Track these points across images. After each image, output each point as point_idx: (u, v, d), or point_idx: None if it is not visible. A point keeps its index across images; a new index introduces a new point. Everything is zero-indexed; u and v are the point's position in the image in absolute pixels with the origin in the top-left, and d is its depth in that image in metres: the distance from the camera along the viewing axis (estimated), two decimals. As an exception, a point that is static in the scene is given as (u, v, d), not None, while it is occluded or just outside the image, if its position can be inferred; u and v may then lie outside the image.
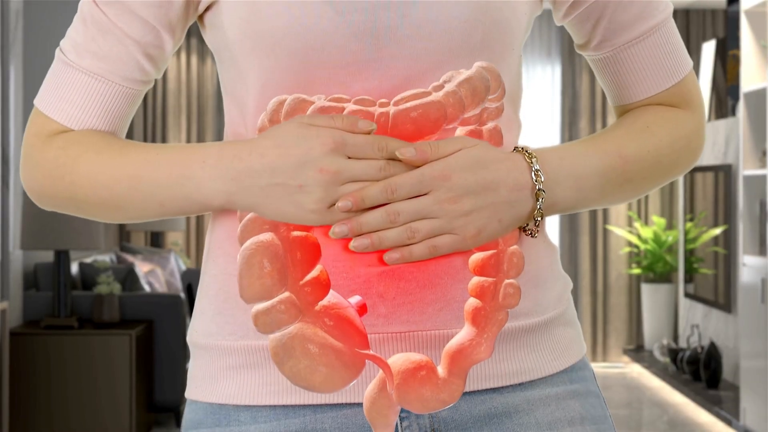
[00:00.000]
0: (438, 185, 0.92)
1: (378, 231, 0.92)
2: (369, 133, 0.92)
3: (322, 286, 0.93)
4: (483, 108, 0.96)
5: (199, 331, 1.08)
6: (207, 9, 1.05)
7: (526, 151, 0.99)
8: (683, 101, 1.12)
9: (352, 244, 0.92)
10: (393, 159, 0.92)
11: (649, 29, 1.09)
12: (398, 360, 0.94)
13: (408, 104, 0.93)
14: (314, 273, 0.93)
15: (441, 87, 0.94)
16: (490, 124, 0.98)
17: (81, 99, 1.04)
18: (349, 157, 0.92)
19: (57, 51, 1.06)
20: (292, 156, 0.92)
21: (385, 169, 0.91)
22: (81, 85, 1.03)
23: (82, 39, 1.04)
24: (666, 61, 1.10)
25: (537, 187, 0.97)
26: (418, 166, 0.93)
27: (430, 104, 0.92)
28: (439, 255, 0.93)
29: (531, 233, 1.00)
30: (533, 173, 0.97)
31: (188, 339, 1.10)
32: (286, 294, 0.91)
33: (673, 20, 1.12)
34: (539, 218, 0.98)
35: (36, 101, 1.06)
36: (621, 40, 1.09)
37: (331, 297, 0.94)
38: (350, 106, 0.93)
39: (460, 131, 0.98)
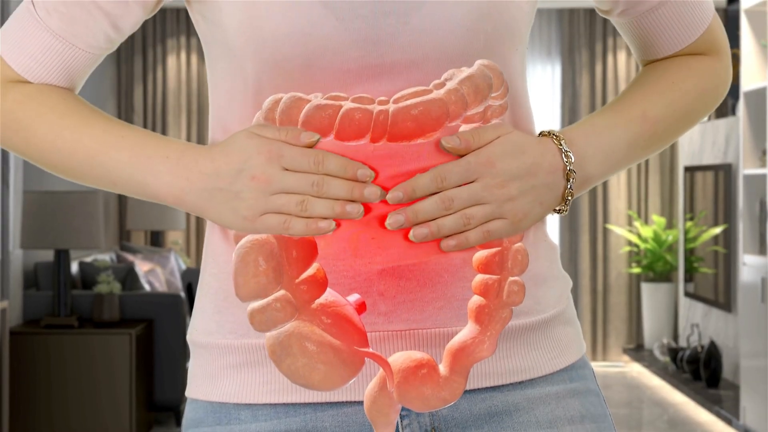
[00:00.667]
0: (485, 171, 0.93)
1: (434, 219, 0.92)
2: (312, 145, 0.91)
3: (319, 284, 0.93)
4: (487, 106, 0.96)
5: (199, 329, 1.08)
6: None
7: (553, 134, 1.01)
8: (709, 48, 1.13)
9: (411, 234, 0.92)
10: (328, 174, 0.91)
11: None
12: (399, 358, 0.94)
13: (408, 102, 0.92)
14: (310, 271, 0.93)
15: (442, 85, 0.94)
16: (493, 122, 0.98)
17: (43, 56, 1.04)
18: (287, 169, 0.92)
19: None
20: (232, 163, 0.93)
21: (318, 184, 0.91)
22: (45, 43, 1.04)
23: None
24: (689, 17, 1.11)
25: (568, 168, 0.99)
26: (462, 155, 0.94)
27: (432, 102, 0.91)
28: (492, 240, 0.94)
29: (561, 212, 1.01)
30: (563, 155, 0.99)
31: (188, 338, 1.09)
32: (282, 292, 0.91)
33: None
34: (569, 198, 1.00)
35: None
36: (644, 7, 1.10)
37: (329, 295, 0.94)
38: (347, 104, 0.92)
39: (464, 129, 0.97)
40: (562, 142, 1.00)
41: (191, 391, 1.08)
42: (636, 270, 7.57)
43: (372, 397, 0.95)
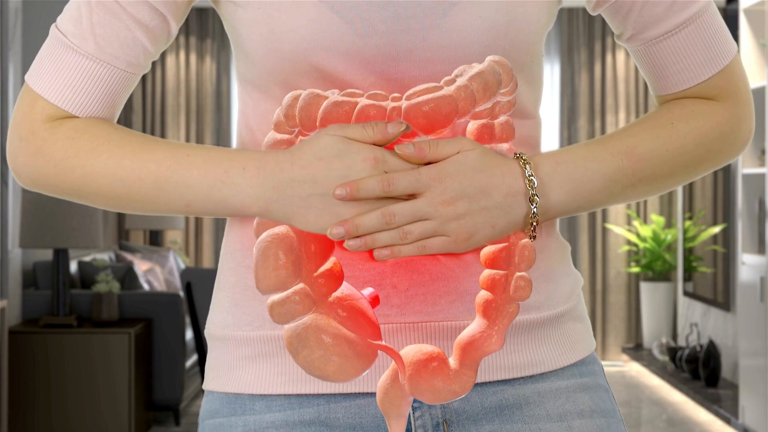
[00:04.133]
0: (434, 186, 0.93)
1: (372, 233, 0.93)
2: (399, 134, 0.92)
3: (336, 277, 0.95)
4: (495, 102, 0.97)
5: (216, 323, 1.09)
6: None
7: (521, 157, 0.99)
8: (724, 92, 1.09)
9: (345, 244, 0.93)
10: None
11: (682, 22, 1.07)
12: (410, 351, 0.95)
13: (420, 98, 0.93)
14: (328, 265, 0.95)
15: (453, 81, 0.95)
16: (501, 118, 0.99)
17: (84, 84, 1.03)
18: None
19: (53, 30, 1.05)
20: (334, 169, 0.93)
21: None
22: (84, 70, 1.02)
23: (86, 22, 1.03)
24: (703, 53, 1.07)
25: (530, 193, 0.97)
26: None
27: (442, 98, 0.93)
28: (429, 254, 0.95)
29: (530, 237, 0.99)
30: (526, 179, 0.97)
31: (206, 332, 1.11)
32: (301, 285, 0.93)
33: (713, 7, 1.09)
34: (534, 223, 0.98)
35: (31, 81, 1.04)
36: (652, 34, 1.08)
37: (345, 288, 0.96)
38: (363, 101, 0.94)
39: (473, 125, 0.99)
40: (528, 165, 0.98)
41: (208, 384, 1.09)
42: (635, 269, 7.57)
43: (384, 389, 0.96)
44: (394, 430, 0.96)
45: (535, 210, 0.97)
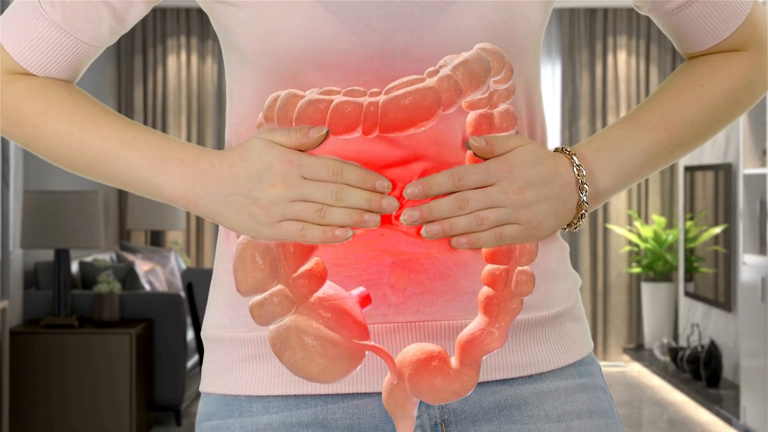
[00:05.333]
0: (503, 176, 0.94)
1: (448, 218, 0.93)
2: (321, 139, 0.92)
3: (317, 277, 0.94)
4: (492, 90, 0.95)
5: (212, 324, 1.09)
6: None
7: (565, 149, 1.02)
8: (749, 40, 1.12)
9: (423, 231, 0.92)
10: (346, 184, 0.92)
11: None
12: (411, 350, 0.94)
13: (399, 92, 0.91)
14: (309, 265, 0.94)
15: (436, 72, 0.92)
16: (501, 107, 0.97)
17: (47, 49, 1.05)
18: (306, 178, 0.93)
19: None
20: (252, 169, 0.94)
21: (337, 193, 0.91)
22: (49, 37, 1.05)
23: None
24: (722, 12, 1.10)
25: (581, 181, 1.00)
26: (485, 159, 0.95)
27: (422, 90, 0.90)
28: (504, 244, 0.95)
29: (575, 227, 1.02)
30: (576, 168, 1.00)
31: (202, 334, 1.11)
32: (280, 287, 0.92)
33: None
34: (584, 211, 1.01)
35: None
36: (671, 6, 1.10)
37: (328, 288, 0.94)
38: (338, 98, 0.92)
39: (471, 115, 0.97)
40: (574, 156, 1.01)
41: (204, 386, 1.09)
42: (636, 270, 7.57)
43: (388, 389, 0.96)
44: (401, 430, 0.96)
45: (584, 198, 1.00)
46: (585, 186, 1.00)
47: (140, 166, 1.00)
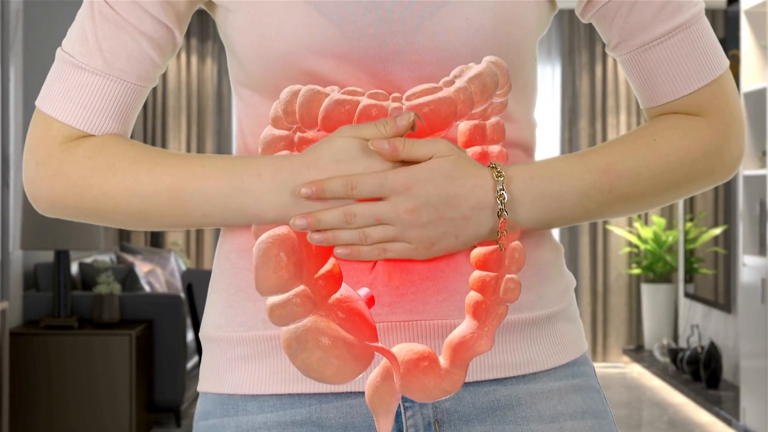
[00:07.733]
0: (398, 192, 0.93)
1: (334, 230, 0.93)
2: (410, 124, 0.92)
3: (335, 279, 0.95)
4: (489, 103, 0.96)
5: (210, 324, 1.09)
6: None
7: (496, 169, 0.97)
8: (713, 108, 1.06)
9: (308, 237, 0.93)
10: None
11: (669, 30, 1.04)
12: (402, 350, 0.95)
13: (420, 100, 0.93)
14: (328, 266, 0.95)
15: (452, 82, 0.95)
16: (493, 119, 0.99)
17: (96, 102, 1.02)
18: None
19: (59, 53, 1.04)
20: (354, 172, 0.93)
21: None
22: (95, 88, 1.02)
23: (91, 38, 1.02)
24: (691, 63, 1.05)
25: (498, 208, 0.96)
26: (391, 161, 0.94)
27: (442, 101, 0.92)
28: (388, 258, 0.95)
29: (499, 248, 0.97)
30: (497, 193, 0.96)
31: (200, 334, 1.11)
32: (302, 287, 0.92)
33: (705, 21, 1.06)
34: (502, 235, 0.96)
35: (41, 104, 1.04)
36: (639, 41, 1.05)
37: (343, 290, 0.95)
38: (364, 100, 0.94)
39: (464, 125, 0.98)
40: (500, 179, 0.96)
41: (202, 385, 1.09)
42: (636, 271, 7.57)
43: (374, 386, 0.96)
44: (381, 426, 0.96)
45: (499, 225, 0.96)
46: (504, 213, 0.95)
47: (218, 193, 0.97)
